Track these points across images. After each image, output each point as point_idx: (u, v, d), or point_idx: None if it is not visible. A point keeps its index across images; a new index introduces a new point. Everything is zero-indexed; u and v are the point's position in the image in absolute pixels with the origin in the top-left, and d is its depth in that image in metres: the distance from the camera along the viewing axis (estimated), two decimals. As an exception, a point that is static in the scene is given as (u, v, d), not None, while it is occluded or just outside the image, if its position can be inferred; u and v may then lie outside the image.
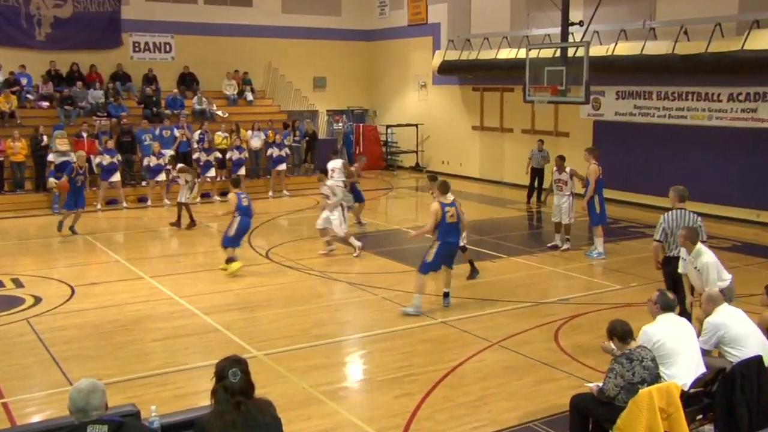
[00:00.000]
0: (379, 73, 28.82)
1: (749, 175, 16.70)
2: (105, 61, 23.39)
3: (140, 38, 24.29)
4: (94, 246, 14.75)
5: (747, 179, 16.74)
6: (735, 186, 17.01)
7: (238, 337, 9.26)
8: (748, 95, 16.66)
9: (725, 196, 17.19)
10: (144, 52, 24.39)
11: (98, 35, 23.48)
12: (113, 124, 21.15)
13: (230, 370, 4.23)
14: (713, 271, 7.98)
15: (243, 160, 20.83)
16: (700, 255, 8.09)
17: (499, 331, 9.51)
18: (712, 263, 8.01)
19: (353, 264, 13.27)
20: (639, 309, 9.91)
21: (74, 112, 21.39)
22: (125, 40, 24.02)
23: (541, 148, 19.67)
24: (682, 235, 8.26)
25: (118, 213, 18.60)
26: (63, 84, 22.19)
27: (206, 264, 13.35)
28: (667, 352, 6.13)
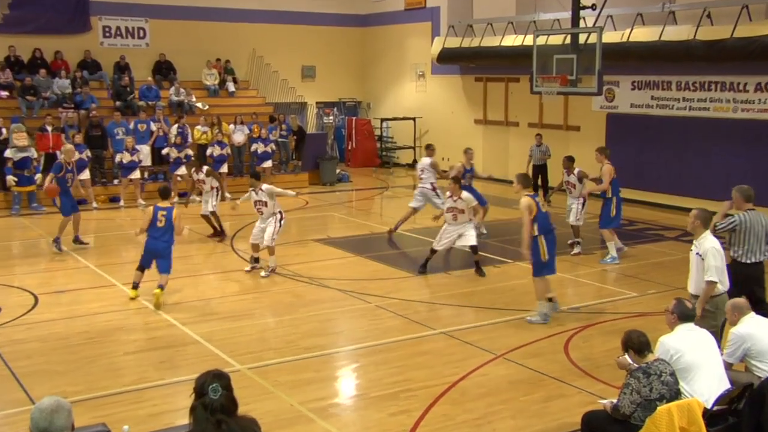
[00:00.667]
0: (373, 61, 28.83)
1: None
2: (71, 47, 23.32)
3: (111, 22, 24.23)
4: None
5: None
6: (762, 183, 16.98)
7: (219, 350, 9.23)
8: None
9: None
10: (115, 37, 24.34)
11: (64, 18, 23.39)
12: (81, 117, 21.10)
13: (210, 385, 4.21)
14: (715, 257, 7.76)
15: (225, 157, 20.81)
16: (705, 240, 7.91)
17: (504, 343, 9.50)
18: (716, 249, 7.80)
19: (345, 270, 13.25)
20: (657, 319, 9.91)
21: (37, 103, 21.33)
22: (94, 24, 23.96)
23: (540, 143, 19.69)
24: (695, 215, 7.99)
25: (87, 214, 18.51)
26: (24, 72, 22.10)
27: (184, 270, 13.30)
28: (686, 365, 6.12)
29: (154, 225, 11.18)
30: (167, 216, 11.16)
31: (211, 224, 15.62)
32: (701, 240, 7.91)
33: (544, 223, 10.17)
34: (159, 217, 11.16)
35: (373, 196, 21.90)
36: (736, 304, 6.85)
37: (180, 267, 13.57)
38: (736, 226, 8.63)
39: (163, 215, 11.17)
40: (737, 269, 8.54)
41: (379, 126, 27.66)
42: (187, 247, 14.09)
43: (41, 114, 20.67)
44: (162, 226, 11.16)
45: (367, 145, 27.23)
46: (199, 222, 15.77)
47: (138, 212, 18.68)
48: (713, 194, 17.72)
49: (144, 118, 21.19)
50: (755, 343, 6.56)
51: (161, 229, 11.17)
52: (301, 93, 27.39)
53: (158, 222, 11.15)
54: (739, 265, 8.61)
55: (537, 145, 19.69)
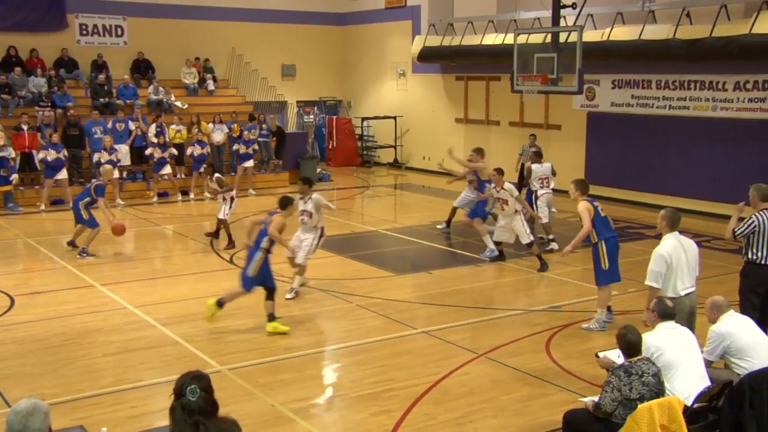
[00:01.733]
0: (353, 60, 28.81)
1: (758, 171, 16.78)
2: (48, 45, 23.13)
3: (88, 20, 24.04)
4: (38, 251, 14.58)
5: (755, 175, 16.74)
6: (742, 182, 17.08)
7: (199, 350, 9.20)
8: (756, 83, 16.84)
9: (732, 193, 17.28)
10: (92, 35, 24.15)
11: (39, 15, 23.17)
12: (58, 116, 20.95)
13: (188, 387, 4.19)
14: (656, 261, 7.66)
15: (205, 156, 20.72)
16: (663, 242, 7.86)
17: (486, 342, 9.53)
18: (660, 253, 7.70)
19: (326, 269, 13.24)
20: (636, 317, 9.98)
21: (13, 102, 21.15)
22: (70, 21, 23.77)
23: (533, 143, 19.74)
24: (661, 215, 7.94)
25: (65, 214, 18.34)
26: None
27: (164, 270, 13.25)
28: (666, 363, 6.16)
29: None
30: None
31: (219, 229, 15.04)
32: (662, 241, 7.90)
33: (603, 229, 9.98)
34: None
35: (354, 195, 21.89)
36: (715, 303, 6.89)
37: (160, 267, 13.53)
38: (756, 228, 8.44)
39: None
40: (756, 271, 8.37)
41: (359, 125, 27.64)
42: (168, 246, 14.02)
43: (17, 113, 20.50)
44: None
45: (347, 145, 27.22)
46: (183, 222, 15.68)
47: (116, 212, 18.54)
48: (693, 193, 17.95)
49: (122, 117, 21.03)
50: (734, 340, 6.61)
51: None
52: (281, 92, 27.33)
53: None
54: (757, 267, 8.40)
55: (530, 145, 19.71)
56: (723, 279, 12.11)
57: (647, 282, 7.75)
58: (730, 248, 14.64)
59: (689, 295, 7.79)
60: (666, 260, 7.65)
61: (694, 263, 7.89)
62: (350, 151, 27.22)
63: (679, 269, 7.73)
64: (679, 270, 7.73)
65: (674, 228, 7.89)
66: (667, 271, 7.68)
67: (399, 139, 26.93)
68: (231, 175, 21.60)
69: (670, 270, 7.69)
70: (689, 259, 7.82)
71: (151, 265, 13.70)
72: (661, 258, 7.67)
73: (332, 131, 27.21)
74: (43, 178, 19.01)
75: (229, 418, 4.35)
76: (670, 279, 7.70)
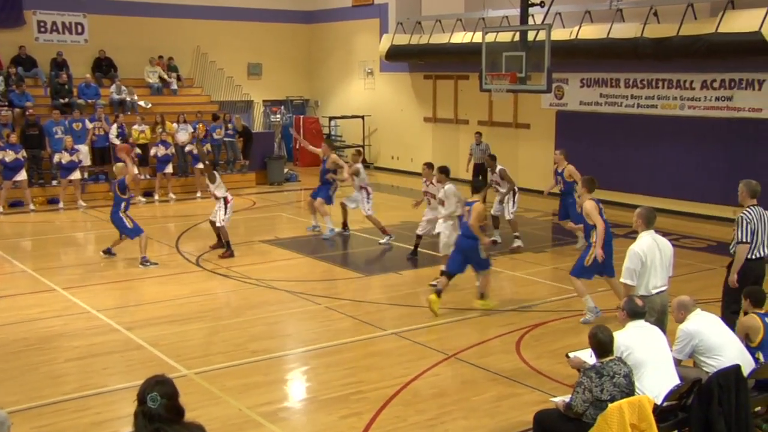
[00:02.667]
0: (320, 59, 28.76)
1: (725, 169, 17.08)
2: (4, 42, 22.77)
3: (46, 17, 23.72)
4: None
5: (722, 173, 17.11)
6: (709, 181, 17.41)
7: (165, 354, 9.14)
8: (723, 82, 17.08)
9: (699, 191, 17.61)
10: (51, 32, 23.82)
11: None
12: (17, 116, 20.65)
13: (149, 394, 4.14)
14: (631, 258, 7.72)
15: (169, 157, 20.55)
16: (638, 240, 7.91)
17: (456, 343, 9.57)
18: (634, 251, 7.74)
19: (293, 271, 13.20)
20: (607, 316, 10.09)
21: (-32, 102, 20.84)
22: (28, 18, 23.43)
23: (479, 141, 19.84)
24: (637, 213, 7.97)
25: (24, 217, 18.17)
26: (-48, 68, 21.58)
27: (128, 273, 13.13)
28: (636, 362, 6.22)
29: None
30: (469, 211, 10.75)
31: (223, 239, 14.15)
32: (638, 239, 7.95)
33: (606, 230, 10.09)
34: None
35: (322, 195, 21.79)
36: (682, 302, 6.95)
37: (124, 270, 13.39)
38: (752, 227, 8.55)
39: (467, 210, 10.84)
40: (745, 266, 8.53)
41: (327, 124, 27.60)
42: (132, 249, 13.87)
43: (-27, 113, 20.19)
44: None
45: (315, 144, 27.08)
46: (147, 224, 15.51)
47: (78, 214, 18.36)
48: (661, 191, 18.16)
49: (79, 117, 20.69)
50: (703, 339, 6.69)
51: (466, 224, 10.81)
52: (247, 91, 27.21)
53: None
54: (746, 262, 8.56)
55: (476, 143, 19.82)
56: (691, 277, 12.31)
57: (621, 279, 7.81)
58: (698, 246, 14.86)
59: (660, 294, 7.86)
60: (641, 258, 7.71)
61: (668, 262, 7.96)
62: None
63: (653, 268, 7.79)
64: (653, 268, 7.79)
65: (650, 226, 7.94)
66: (641, 269, 7.74)
67: (367, 138, 26.92)
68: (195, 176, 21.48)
69: (645, 268, 7.75)
70: (663, 258, 7.88)
71: (114, 268, 13.56)
72: (636, 256, 7.73)
73: (299, 131, 27.12)
74: (1, 179, 18.73)
75: (195, 423, 4.32)
76: (643, 277, 7.76)
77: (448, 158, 23.35)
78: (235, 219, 16.25)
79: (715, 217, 17.13)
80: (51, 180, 20.16)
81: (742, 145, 16.86)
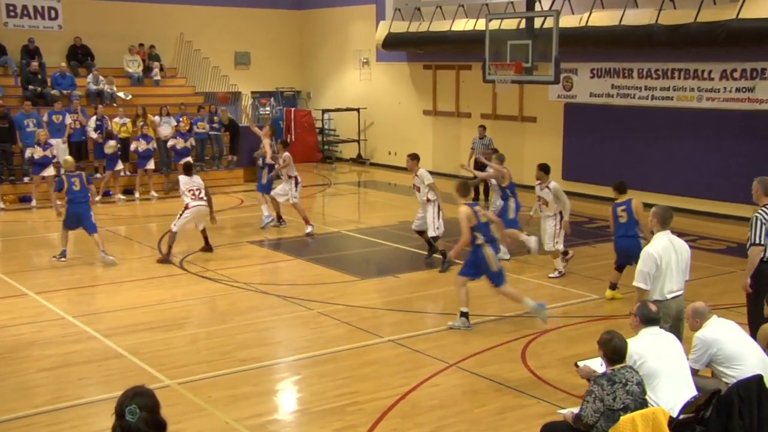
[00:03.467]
0: (313, 48, 28.76)
1: (745, 165, 17.06)
2: (-31, 28, 22.75)
3: (16, 0, 23.63)
4: (-33, 256, 14.37)
5: (742, 170, 17.07)
6: (729, 178, 17.40)
7: (146, 363, 9.12)
8: (743, 72, 17.07)
9: (717, 189, 17.60)
10: (22, 17, 23.65)
11: None
12: (-16, 107, 20.62)
13: (127, 407, 4.12)
14: (645, 261, 7.71)
15: (151, 152, 20.49)
16: (653, 241, 7.91)
17: (457, 351, 9.56)
18: (649, 253, 7.74)
19: (284, 274, 13.20)
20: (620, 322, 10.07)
21: (-68, 92, 20.80)
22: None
23: (483, 135, 19.84)
24: (652, 213, 7.94)
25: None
26: None
27: (107, 276, 13.11)
28: (650, 371, 6.21)
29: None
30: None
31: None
32: (652, 240, 7.93)
33: (487, 232, 10.20)
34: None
35: (315, 193, 21.83)
36: (697, 309, 6.91)
37: (102, 273, 13.38)
38: (767, 227, 8.48)
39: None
40: (760, 269, 8.46)
41: (320, 118, 27.59)
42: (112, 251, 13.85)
43: (-64, 103, 20.14)
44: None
45: (307, 139, 27.14)
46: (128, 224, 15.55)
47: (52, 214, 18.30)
48: (677, 189, 18.15)
49: (59, 109, 20.68)
50: (722, 348, 6.65)
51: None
52: (234, 82, 27.16)
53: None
54: (762, 264, 8.49)
55: (480, 137, 19.81)
56: (709, 281, 12.32)
57: (635, 283, 7.77)
58: (716, 248, 14.87)
59: (676, 299, 7.81)
60: (655, 260, 7.67)
61: (684, 265, 7.91)
62: (310, 146, 27.14)
63: (669, 271, 7.74)
64: (668, 272, 7.74)
65: (666, 226, 7.88)
66: (656, 272, 7.70)
67: (362, 132, 26.93)
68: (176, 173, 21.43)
69: (659, 271, 7.70)
70: (680, 260, 7.84)
71: (92, 271, 13.55)
72: (650, 258, 7.70)
73: (290, 125, 27.12)
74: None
75: (179, 437, 4.31)
76: (657, 281, 7.71)
77: (448, 153, 23.43)
78: (222, 218, 16.26)
79: (734, 216, 17.12)
80: (23, 176, 20.12)
81: (763, 139, 16.85)
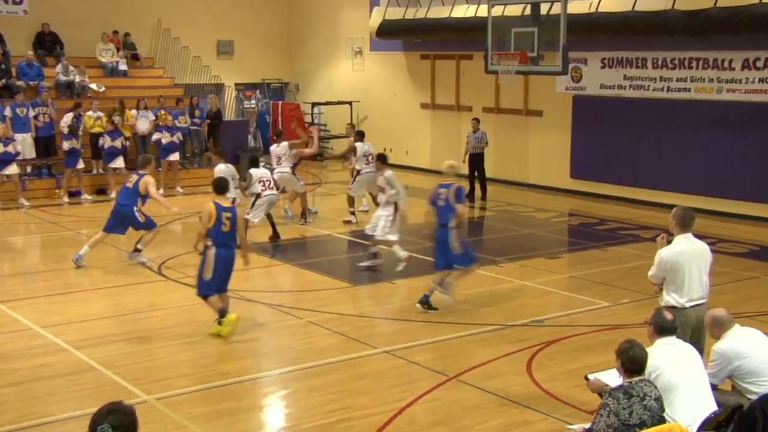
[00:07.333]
0: (302, 36, 28.75)
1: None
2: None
3: (-24, -19, 23.56)
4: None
5: (766, 167, 17.13)
6: (751, 176, 17.42)
7: (121, 377, 9.09)
8: None
9: (739, 189, 17.60)
10: (-18, 2, 23.69)
11: None
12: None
13: (100, 425, 4.11)
14: (658, 265, 7.76)
15: (117, 149, 20.30)
16: (672, 244, 7.88)
17: (458, 362, 9.56)
18: (662, 256, 7.77)
19: (271, 280, 13.19)
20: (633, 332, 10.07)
21: None
22: (-46, -17, 23.33)
23: (476, 129, 19.89)
24: (672, 214, 7.92)
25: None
26: None
27: (79, 284, 13.09)
28: (666, 385, 6.19)
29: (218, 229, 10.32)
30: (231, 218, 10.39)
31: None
32: (672, 243, 7.89)
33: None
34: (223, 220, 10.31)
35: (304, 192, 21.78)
36: (716, 318, 6.88)
37: (74, 280, 13.35)
38: None
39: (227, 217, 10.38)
40: None
41: (309, 111, 27.58)
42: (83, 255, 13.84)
43: None
44: (227, 231, 10.35)
45: (295, 135, 27.05)
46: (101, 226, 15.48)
47: (19, 215, 18.28)
48: (695, 188, 18.14)
49: (23, 101, 20.55)
50: (744, 361, 6.63)
51: (227, 235, 10.42)
52: (216, 73, 27.15)
53: (223, 226, 10.34)
54: None
55: (473, 131, 19.85)
56: (730, 287, 12.32)
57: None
58: (738, 251, 14.89)
59: (697, 308, 7.73)
60: (665, 265, 7.68)
61: (706, 271, 7.87)
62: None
63: (689, 277, 7.70)
64: (687, 278, 7.70)
65: (687, 229, 7.83)
66: (672, 277, 7.70)
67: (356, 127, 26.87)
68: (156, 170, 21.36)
69: (675, 277, 7.70)
70: (702, 265, 7.81)
71: (62, 278, 13.51)
72: (661, 262, 7.71)
73: (277, 119, 27.06)
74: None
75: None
76: (676, 287, 7.71)
77: (448, 149, 23.40)
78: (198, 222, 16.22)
79: (757, 217, 17.18)
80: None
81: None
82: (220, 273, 10.30)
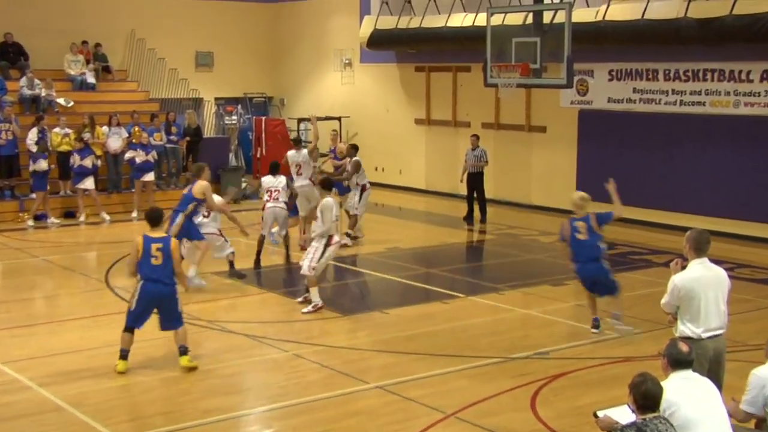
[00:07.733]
0: (287, 47, 28.85)
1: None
2: None
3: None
4: None
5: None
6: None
7: (90, 417, 9.04)
8: (788, 73, 17.18)
9: (759, 210, 17.62)
10: (-60, 10, 23.74)
11: None
12: None
13: None
14: (671, 292, 7.79)
15: (87, 169, 20.27)
16: (686, 269, 7.89)
17: (456, 398, 9.53)
18: (674, 283, 7.78)
19: (254, 310, 13.15)
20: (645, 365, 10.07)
21: None
22: None
23: (476, 146, 19.92)
24: (686, 237, 7.94)
25: None
26: None
27: (45, 315, 13.06)
28: (684, 422, 6.16)
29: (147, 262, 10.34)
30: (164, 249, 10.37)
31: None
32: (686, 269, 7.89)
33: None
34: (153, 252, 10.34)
35: (289, 216, 21.79)
36: None
37: (40, 311, 13.32)
38: None
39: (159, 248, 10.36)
40: None
41: (295, 128, 27.60)
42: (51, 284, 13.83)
43: None
44: (159, 264, 10.36)
45: (280, 152, 27.06)
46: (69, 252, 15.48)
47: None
48: (711, 209, 18.14)
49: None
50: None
51: (158, 268, 10.40)
52: (195, 86, 27.18)
53: (153, 259, 10.35)
54: None
55: (472, 148, 19.89)
56: (750, 316, 12.34)
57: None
58: (758, 278, 14.91)
59: (714, 339, 7.74)
60: (678, 292, 7.68)
61: (723, 299, 7.87)
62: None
63: (704, 306, 7.70)
64: (703, 306, 7.70)
65: (702, 253, 7.84)
66: (687, 306, 7.71)
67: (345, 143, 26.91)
68: (129, 192, 21.39)
69: (691, 305, 7.70)
70: (719, 293, 7.81)
71: (26, 309, 13.49)
72: (674, 289, 7.71)
73: (261, 135, 27.08)
74: None
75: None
76: (692, 316, 7.70)
77: (444, 168, 23.51)
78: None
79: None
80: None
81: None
82: (143, 307, 10.34)
